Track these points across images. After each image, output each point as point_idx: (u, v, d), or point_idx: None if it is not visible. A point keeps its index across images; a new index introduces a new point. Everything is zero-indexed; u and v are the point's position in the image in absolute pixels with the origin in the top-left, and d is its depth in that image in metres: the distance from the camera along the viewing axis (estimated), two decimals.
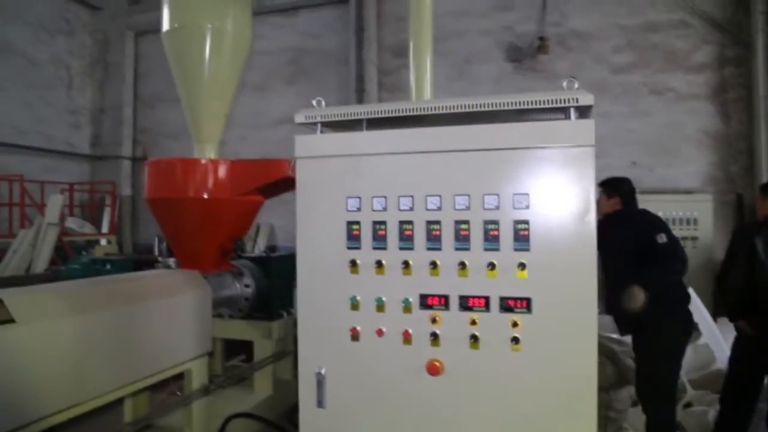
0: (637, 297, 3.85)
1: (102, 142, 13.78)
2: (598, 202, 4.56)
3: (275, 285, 5.09)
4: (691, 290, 4.52)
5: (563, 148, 2.30)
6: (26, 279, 7.29)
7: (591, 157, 2.27)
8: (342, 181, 2.53)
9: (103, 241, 9.80)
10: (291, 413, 5.11)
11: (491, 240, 2.34)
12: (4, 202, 10.78)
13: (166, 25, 4.49)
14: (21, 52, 12.02)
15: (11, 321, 2.76)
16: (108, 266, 6.25)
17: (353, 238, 2.50)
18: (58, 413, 2.99)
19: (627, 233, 4.24)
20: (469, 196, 2.37)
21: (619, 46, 9.90)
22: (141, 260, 6.31)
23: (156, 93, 13.22)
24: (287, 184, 4.32)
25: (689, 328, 4.33)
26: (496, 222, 2.34)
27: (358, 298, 2.50)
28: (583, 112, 2.37)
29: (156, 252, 4.85)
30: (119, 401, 4.12)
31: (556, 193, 2.30)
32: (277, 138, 11.14)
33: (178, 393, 4.21)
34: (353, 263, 2.49)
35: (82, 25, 13.57)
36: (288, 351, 5.39)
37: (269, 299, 5.06)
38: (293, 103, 11.05)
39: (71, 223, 10.90)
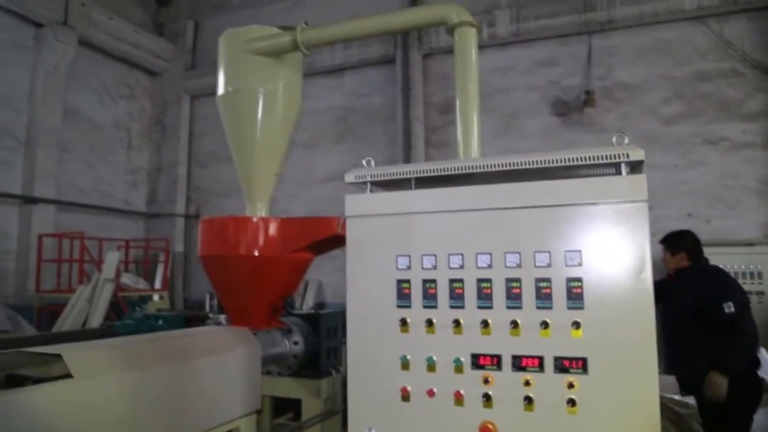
0: (720, 385, 3.74)
1: (157, 200, 14.35)
2: (664, 260, 4.44)
3: (324, 342, 5.08)
4: (762, 352, 4.30)
5: (615, 204, 2.27)
6: (82, 334, 7.48)
7: (645, 212, 2.23)
8: (392, 239, 2.55)
9: (156, 297, 10.02)
10: None
11: (543, 298, 2.30)
12: (65, 258, 11.24)
13: (220, 89, 4.70)
14: (85, 117, 12.80)
15: (69, 376, 2.85)
16: (160, 322, 6.37)
17: (403, 297, 2.49)
18: None
19: (696, 292, 4.09)
20: (519, 253, 2.35)
21: (667, 97, 9.80)
22: (192, 316, 6.41)
23: (209, 152, 13.78)
24: (336, 241, 4.37)
25: (759, 394, 4.10)
26: (548, 280, 2.30)
27: (409, 357, 2.47)
28: (635, 166, 2.34)
29: (207, 308, 4.94)
30: None
31: (610, 250, 2.25)
32: (325, 195, 11.36)
33: None
34: (403, 322, 2.47)
35: (142, 90, 14.40)
36: (336, 410, 5.32)
37: (318, 357, 5.04)
38: (341, 161, 11.34)
39: (126, 279, 11.23)
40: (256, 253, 4.24)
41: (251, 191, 4.75)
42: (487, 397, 2.33)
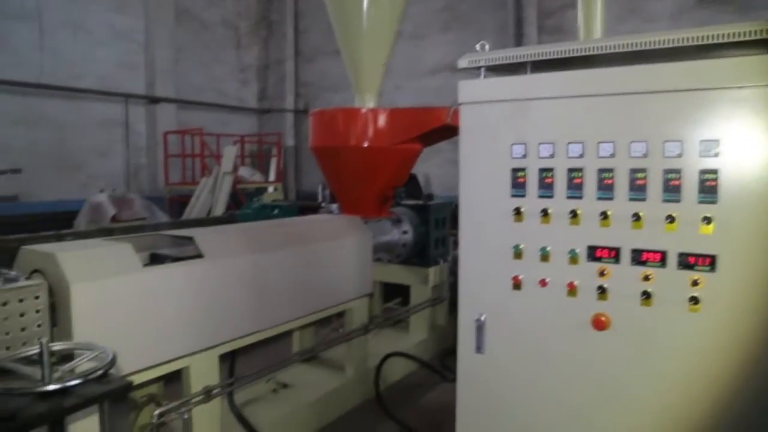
0: None
1: (268, 96, 14.78)
2: None
3: (432, 232, 5.18)
4: None
5: (764, 88, 2.01)
6: (209, 221, 8.13)
7: None
8: (507, 126, 2.46)
9: (271, 189, 10.58)
10: (444, 357, 5.27)
11: (671, 191, 2.14)
12: (188, 153, 12.02)
13: None
14: (196, 17, 13.14)
15: (200, 256, 3.12)
16: (276, 211, 6.77)
17: (518, 186, 2.43)
18: (240, 338, 3.36)
19: None
20: (646, 142, 2.19)
21: None
22: (305, 206, 6.74)
23: (316, 47, 13.79)
24: (445, 131, 4.32)
25: None
26: (677, 171, 2.13)
27: (522, 246, 2.45)
28: None
29: (319, 198, 5.14)
30: (288, 333, 4.52)
31: (754, 141, 2.03)
32: (432, 87, 11.11)
33: (340, 330, 4.50)
34: (517, 211, 2.43)
35: None
36: (443, 298, 5.51)
37: (426, 246, 5.17)
38: (448, 51, 10.94)
39: (243, 171, 11.89)
40: (366, 144, 4.29)
41: (359, 82, 4.73)
42: (601, 290, 2.29)
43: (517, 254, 2.46)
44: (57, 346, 1.94)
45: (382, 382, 4.49)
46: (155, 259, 3.20)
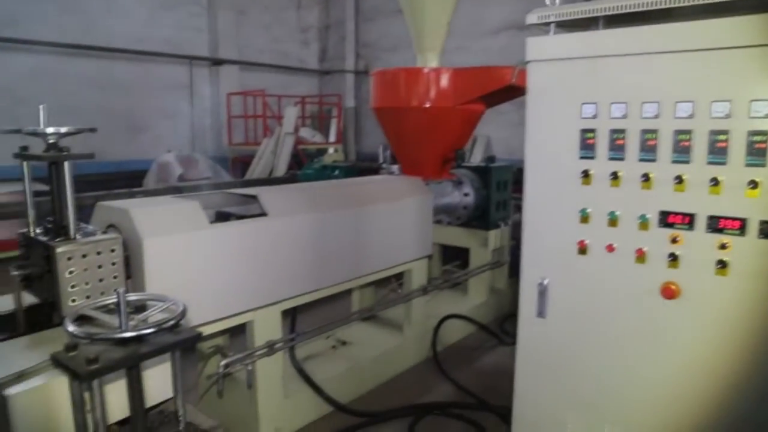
0: None
1: (328, 57, 14.76)
2: None
3: (494, 195, 5.10)
4: None
5: None
6: (271, 181, 8.31)
7: None
8: (577, 85, 2.36)
9: (331, 150, 10.61)
10: (502, 321, 5.24)
11: (756, 154, 2.01)
12: (250, 114, 12.22)
13: None
14: None
15: (264, 215, 3.19)
16: (336, 172, 6.82)
17: (587, 147, 2.34)
18: (302, 295, 3.44)
19: None
20: (729, 102, 2.05)
21: None
22: (365, 167, 6.76)
23: (376, 6, 13.60)
24: (509, 92, 4.21)
25: None
26: (764, 133, 1.99)
27: (589, 210, 2.37)
28: None
29: (380, 159, 5.13)
30: (348, 292, 4.60)
31: None
32: (495, 47, 10.79)
33: (399, 290, 4.53)
34: (585, 174, 2.35)
35: None
36: (503, 261, 5.45)
37: (487, 209, 5.10)
38: (512, 10, 10.56)
39: (304, 132, 12.01)
40: (428, 105, 4.23)
41: (422, 42, 4.64)
42: (673, 257, 2.20)
43: (584, 218, 2.39)
44: (132, 297, 2.03)
45: (439, 343, 4.53)
46: (221, 217, 3.30)
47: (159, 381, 2.05)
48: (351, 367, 4.00)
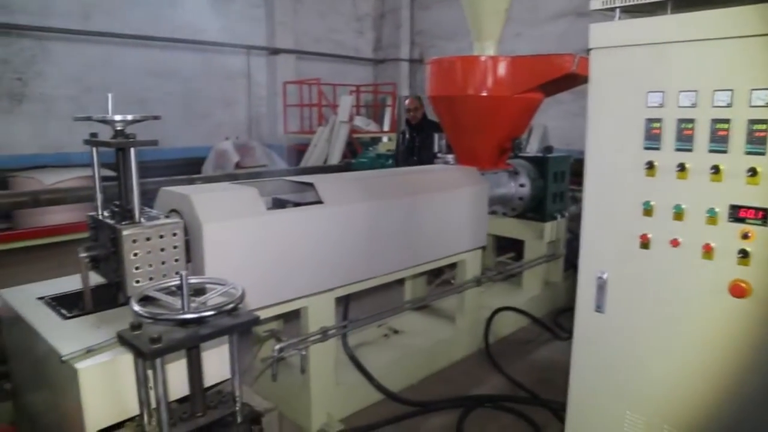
0: None
1: (383, 45, 14.74)
2: None
3: (550, 186, 5.00)
4: None
5: None
6: (325, 169, 8.38)
7: None
8: (642, 72, 2.26)
9: (385, 138, 10.62)
10: (556, 315, 5.14)
11: None
12: (306, 103, 12.36)
13: None
14: None
15: (320, 202, 3.22)
16: (390, 161, 6.83)
17: (652, 137, 2.25)
18: (355, 283, 3.46)
19: None
20: None
21: None
22: None
23: None
24: (569, 80, 4.09)
25: None
26: None
27: (653, 203, 2.29)
28: None
29: (435, 148, 5.09)
30: (400, 281, 4.60)
31: None
32: (554, 34, 10.50)
33: (452, 281, 4.51)
34: (650, 165, 2.26)
35: None
36: (559, 254, 5.34)
37: (543, 200, 5.00)
38: None
39: (358, 121, 12.05)
40: (485, 93, 4.16)
41: (479, 29, 4.55)
42: (743, 254, 2.09)
43: (647, 211, 2.31)
44: (193, 280, 2.09)
45: (491, 336, 4.48)
46: (278, 204, 3.35)
47: (217, 362, 2.11)
48: (402, 356, 4.01)
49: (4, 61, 9.14)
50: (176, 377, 1.99)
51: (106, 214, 2.48)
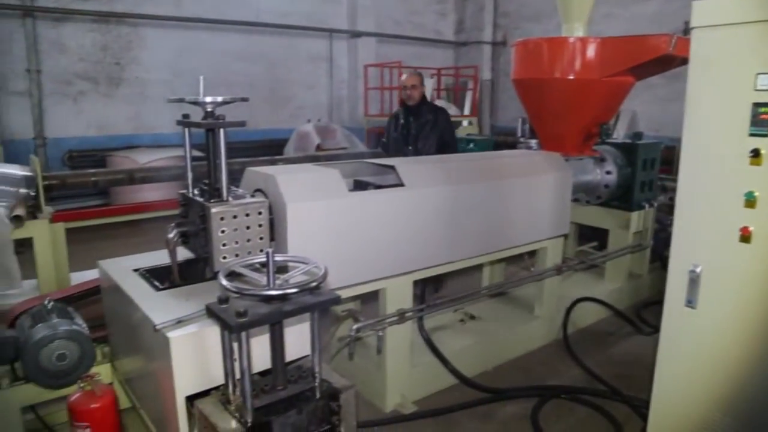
0: None
1: (465, 28, 14.48)
2: None
3: (639, 174, 4.77)
4: None
5: None
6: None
7: None
8: (752, 52, 2.10)
9: (466, 122, 10.50)
10: (640, 308, 4.93)
11: None
12: (386, 86, 12.37)
13: None
14: None
15: (401, 185, 3.23)
16: (471, 145, 6.74)
17: (760, 123, 2.09)
18: (434, 267, 3.46)
19: None
20: None
21: None
22: (501, 141, 6.60)
23: None
24: (664, 63, 3.88)
25: None
26: None
27: (756, 194, 2.13)
28: None
29: (519, 133, 4.97)
30: (479, 267, 4.55)
31: None
32: (647, 13, 9.95)
33: (532, 269, 4.41)
34: (756, 153, 2.10)
35: None
36: (645, 245, 5.10)
37: (630, 188, 4.78)
38: None
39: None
40: (572, 77, 4.01)
41: (568, 10, 4.38)
42: None
43: (750, 202, 2.15)
44: (278, 258, 2.16)
45: (570, 326, 4.36)
46: (359, 186, 3.39)
47: (298, 338, 2.18)
48: (478, 341, 3.98)
49: (104, 48, 9.70)
50: (259, 351, 2.06)
51: (195, 192, 2.60)
